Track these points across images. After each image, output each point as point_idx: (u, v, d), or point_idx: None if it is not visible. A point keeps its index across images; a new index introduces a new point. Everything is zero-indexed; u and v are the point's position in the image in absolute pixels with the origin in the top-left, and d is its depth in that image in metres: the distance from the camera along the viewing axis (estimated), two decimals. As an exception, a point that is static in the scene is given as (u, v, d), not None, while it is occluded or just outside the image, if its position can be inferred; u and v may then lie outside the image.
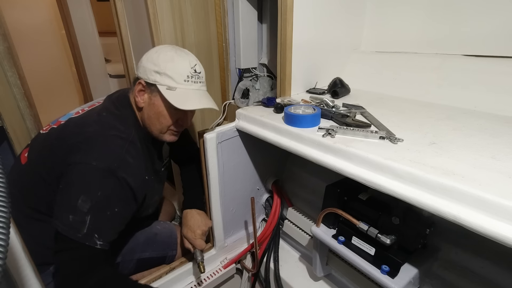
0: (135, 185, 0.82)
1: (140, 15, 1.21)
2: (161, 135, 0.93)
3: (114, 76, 2.81)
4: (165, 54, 0.86)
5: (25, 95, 1.18)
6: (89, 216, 0.73)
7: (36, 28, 2.68)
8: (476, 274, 0.71)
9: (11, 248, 0.48)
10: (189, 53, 0.91)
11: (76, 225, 0.72)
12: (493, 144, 0.64)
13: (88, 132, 0.81)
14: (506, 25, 0.87)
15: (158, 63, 0.84)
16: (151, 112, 0.89)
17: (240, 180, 1.11)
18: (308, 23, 1.00)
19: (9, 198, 0.38)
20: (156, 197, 1.02)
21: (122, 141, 0.82)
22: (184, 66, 0.86)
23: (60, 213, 0.74)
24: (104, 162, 0.76)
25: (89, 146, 0.78)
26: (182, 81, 0.86)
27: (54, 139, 0.85)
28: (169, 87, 0.85)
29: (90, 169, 0.75)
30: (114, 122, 0.85)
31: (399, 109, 0.90)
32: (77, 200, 0.72)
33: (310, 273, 1.07)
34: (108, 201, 0.76)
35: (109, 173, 0.76)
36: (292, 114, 0.80)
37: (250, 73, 1.44)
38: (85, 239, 0.72)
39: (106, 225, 0.77)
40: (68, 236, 0.71)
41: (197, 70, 0.89)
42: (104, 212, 0.76)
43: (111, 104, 0.91)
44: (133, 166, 0.82)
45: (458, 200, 0.50)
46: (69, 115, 0.92)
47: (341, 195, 0.85)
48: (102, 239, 0.75)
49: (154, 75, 0.85)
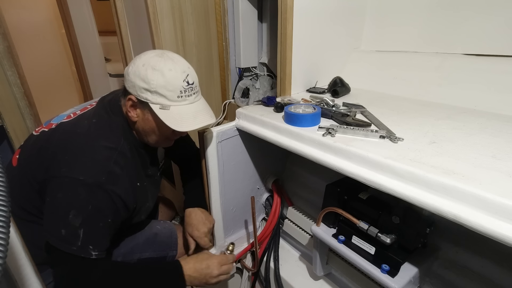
0: (125, 195, 0.81)
1: (140, 14, 1.20)
2: (158, 143, 0.91)
3: (114, 75, 2.81)
4: (153, 68, 0.77)
5: (25, 94, 1.18)
6: (82, 230, 0.73)
7: (36, 27, 2.68)
8: (476, 273, 0.71)
9: (11, 247, 0.48)
10: (178, 60, 0.82)
11: (69, 238, 0.72)
12: (494, 143, 0.64)
13: (75, 143, 0.79)
14: (507, 24, 0.87)
15: (148, 80, 0.77)
16: (146, 126, 0.85)
17: (240, 179, 1.11)
18: (308, 22, 1.00)
19: (9, 197, 0.38)
20: (148, 204, 0.99)
21: (110, 152, 0.81)
22: (176, 81, 0.79)
23: (51, 226, 0.74)
24: (91, 176, 0.75)
25: (75, 158, 0.76)
26: (175, 98, 0.79)
27: (42, 144, 0.84)
28: (162, 106, 0.79)
29: (77, 184, 0.74)
30: (103, 131, 0.83)
31: (399, 108, 0.89)
32: (68, 214, 0.72)
33: (310, 272, 1.08)
34: (99, 214, 0.76)
35: (97, 187, 0.75)
36: (292, 113, 0.80)
37: (250, 72, 1.44)
38: (80, 252, 0.73)
39: (100, 235, 0.77)
40: (62, 249, 0.72)
41: (190, 81, 0.81)
42: (97, 224, 0.76)
43: (102, 109, 0.88)
44: (122, 176, 0.81)
45: (458, 199, 0.50)
46: (61, 118, 0.90)
47: (341, 194, 0.85)
48: (97, 249, 0.75)
49: (145, 92, 0.78)
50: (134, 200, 0.88)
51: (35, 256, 0.80)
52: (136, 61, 0.81)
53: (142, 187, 0.93)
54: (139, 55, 0.82)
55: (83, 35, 2.53)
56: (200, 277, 0.88)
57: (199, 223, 1.03)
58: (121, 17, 1.31)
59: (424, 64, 1.01)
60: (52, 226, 0.74)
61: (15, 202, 0.84)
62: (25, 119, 1.21)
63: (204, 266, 0.89)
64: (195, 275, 0.87)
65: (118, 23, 1.32)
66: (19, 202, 0.85)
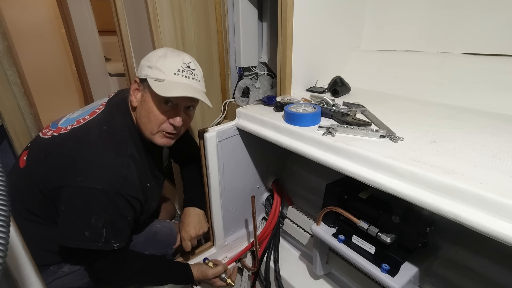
0: (139, 195, 0.88)
1: (140, 13, 1.20)
2: (151, 136, 0.89)
3: (114, 75, 2.80)
4: (160, 51, 0.86)
5: (25, 93, 1.18)
6: (104, 229, 0.80)
7: (36, 26, 2.68)
8: (476, 273, 0.71)
9: (11, 246, 0.48)
10: (187, 54, 0.89)
11: (93, 237, 0.79)
12: (494, 143, 0.63)
13: (88, 151, 0.82)
14: (507, 23, 0.86)
15: (151, 59, 0.84)
16: (142, 110, 0.87)
17: (240, 179, 1.11)
18: (308, 21, 1.00)
19: (9, 197, 0.38)
20: (153, 203, 1.03)
21: (122, 158, 0.85)
22: (176, 61, 0.84)
23: (72, 232, 0.79)
24: (108, 184, 0.80)
25: (91, 167, 0.80)
26: (171, 74, 0.83)
27: (53, 149, 0.85)
28: (157, 79, 0.83)
29: (96, 193, 0.78)
30: (113, 137, 0.86)
31: (400, 107, 0.89)
32: (90, 219, 0.78)
33: (310, 271, 1.08)
34: (118, 215, 0.83)
35: (115, 194, 0.81)
36: (292, 113, 0.80)
37: (250, 71, 1.44)
38: (104, 246, 0.81)
39: (121, 231, 0.85)
40: (87, 248, 0.79)
41: (191, 66, 0.86)
42: (118, 223, 0.83)
43: (110, 114, 0.90)
44: (134, 178, 0.86)
45: (458, 198, 0.50)
46: (70, 122, 0.90)
47: (341, 193, 0.85)
48: (118, 242, 0.83)
49: (146, 69, 0.84)
50: (145, 199, 0.92)
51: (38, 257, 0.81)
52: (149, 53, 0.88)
53: (151, 187, 0.96)
54: None
55: (83, 34, 2.52)
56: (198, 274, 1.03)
57: (190, 225, 1.05)
58: (121, 17, 1.31)
59: (424, 64, 1.01)
60: (73, 231, 0.79)
61: (22, 203, 0.86)
62: (25, 119, 1.21)
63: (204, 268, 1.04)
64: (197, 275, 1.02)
65: (118, 23, 1.32)
66: (25, 204, 0.86)
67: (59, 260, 0.91)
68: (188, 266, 1.03)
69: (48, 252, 0.88)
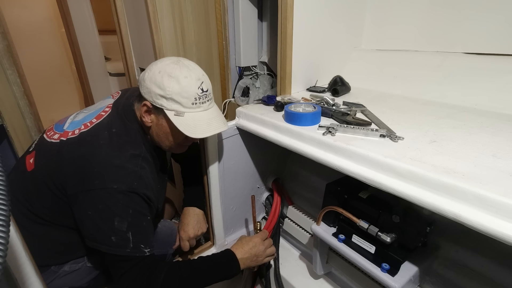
0: (153, 196, 0.87)
1: (140, 13, 1.20)
2: (171, 149, 0.93)
3: (114, 75, 2.80)
4: (169, 75, 0.79)
5: (25, 93, 1.18)
6: (130, 232, 0.78)
7: (36, 26, 2.68)
8: (477, 272, 0.71)
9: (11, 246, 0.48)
10: (193, 68, 0.84)
11: (121, 243, 0.77)
12: (494, 142, 0.63)
13: (102, 154, 0.82)
14: (507, 22, 0.86)
15: (164, 87, 0.79)
16: (160, 132, 0.88)
17: (240, 178, 1.11)
18: (308, 21, 1.00)
19: (8, 197, 0.38)
20: (159, 206, 1.02)
21: (136, 159, 0.85)
22: (191, 88, 0.80)
23: (101, 237, 0.78)
24: (125, 184, 0.79)
25: (106, 169, 0.80)
26: (190, 105, 0.81)
27: (65, 155, 0.84)
28: (177, 112, 0.82)
29: (114, 193, 0.78)
30: (124, 139, 0.86)
31: (400, 107, 0.89)
32: (113, 222, 0.77)
33: (310, 271, 1.08)
34: (140, 214, 0.82)
35: (132, 193, 0.80)
36: (292, 112, 0.80)
37: (250, 71, 1.44)
38: (134, 252, 0.78)
39: (146, 233, 0.83)
40: (117, 254, 0.78)
41: (204, 88, 0.83)
42: (141, 224, 0.82)
43: (118, 117, 0.90)
44: (149, 179, 0.86)
45: (458, 198, 0.50)
46: (76, 125, 0.89)
47: (341, 193, 0.85)
48: (148, 246, 0.81)
49: (160, 99, 0.81)
50: (157, 200, 0.92)
51: (44, 257, 0.82)
52: (152, 67, 0.83)
53: (159, 189, 0.96)
54: (155, 62, 0.84)
55: (83, 34, 2.52)
56: (251, 257, 0.96)
57: (189, 225, 1.05)
58: (121, 16, 1.31)
59: (424, 63, 1.01)
60: (101, 236, 0.78)
61: (29, 206, 0.86)
62: (25, 118, 1.20)
63: (251, 246, 0.97)
64: (246, 256, 0.95)
65: (118, 22, 1.32)
66: (33, 206, 0.85)
67: (62, 261, 0.91)
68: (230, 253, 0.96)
69: (53, 253, 0.88)
